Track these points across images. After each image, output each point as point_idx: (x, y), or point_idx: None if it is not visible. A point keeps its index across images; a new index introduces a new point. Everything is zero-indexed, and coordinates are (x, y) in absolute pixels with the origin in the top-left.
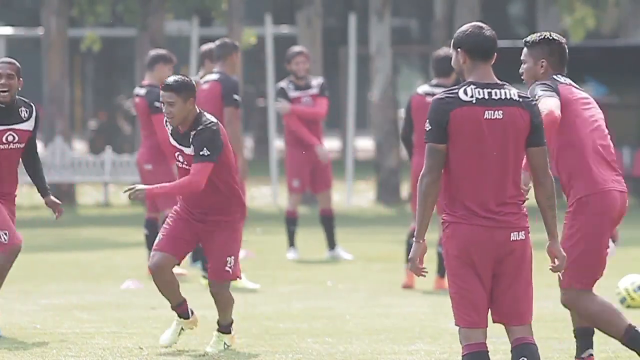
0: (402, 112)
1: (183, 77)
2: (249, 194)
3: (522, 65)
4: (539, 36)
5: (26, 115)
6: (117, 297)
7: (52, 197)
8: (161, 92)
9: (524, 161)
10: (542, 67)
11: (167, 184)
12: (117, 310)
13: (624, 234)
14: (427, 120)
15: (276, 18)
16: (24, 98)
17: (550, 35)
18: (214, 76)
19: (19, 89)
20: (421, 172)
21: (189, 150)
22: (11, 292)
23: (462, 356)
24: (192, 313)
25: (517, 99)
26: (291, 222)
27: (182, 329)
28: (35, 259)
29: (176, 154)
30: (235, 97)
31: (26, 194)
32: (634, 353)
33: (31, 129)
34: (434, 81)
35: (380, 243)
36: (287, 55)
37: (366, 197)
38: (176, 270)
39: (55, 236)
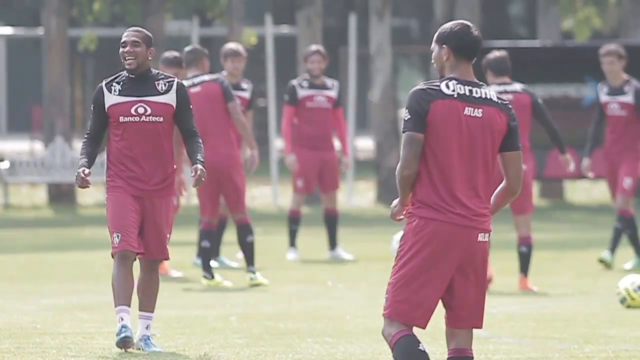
0: (402, 113)
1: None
2: (249, 194)
3: None
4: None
5: (164, 88)
6: None
7: (199, 166)
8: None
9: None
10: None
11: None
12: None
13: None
14: (407, 110)
15: (276, 18)
16: (166, 74)
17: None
18: (205, 77)
19: (150, 58)
20: (399, 164)
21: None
22: (11, 292)
23: (396, 341)
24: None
25: (496, 100)
26: (294, 221)
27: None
28: (35, 259)
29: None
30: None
31: (26, 193)
32: (635, 353)
33: (172, 103)
34: (498, 80)
35: (380, 243)
36: (304, 54)
37: (366, 197)
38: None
39: (55, 236)
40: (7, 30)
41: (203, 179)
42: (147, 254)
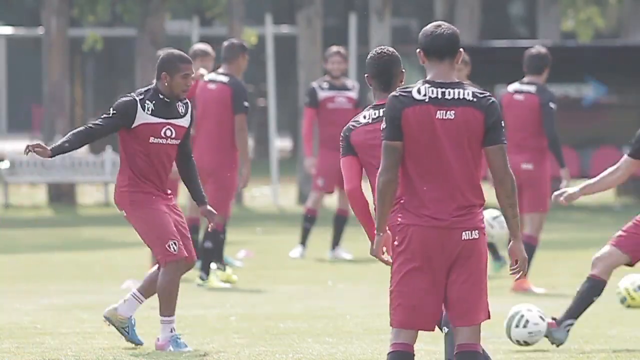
0: None
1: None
2: (249, 194)
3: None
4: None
5: (183, 111)
6: (117, 297)
7: (209, 207)
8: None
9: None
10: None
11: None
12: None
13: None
14: (384, 119)
15: (276, 18)
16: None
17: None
18: (224, 78)
19: None
20: (379, 172)
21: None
22: (11, 292)
23: (388, 354)
24: None
25: (471, 98)
26: (308, 219)
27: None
28: (35, 259)
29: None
30: (245, 103)
31: (26, 193)
32: (635, 353)
33: (187, 125)
34: (526, 79)
35: None
36: (324, 54)
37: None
38: None
39: (55, 236)
40: (7, 30)
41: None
42: (190, 258)
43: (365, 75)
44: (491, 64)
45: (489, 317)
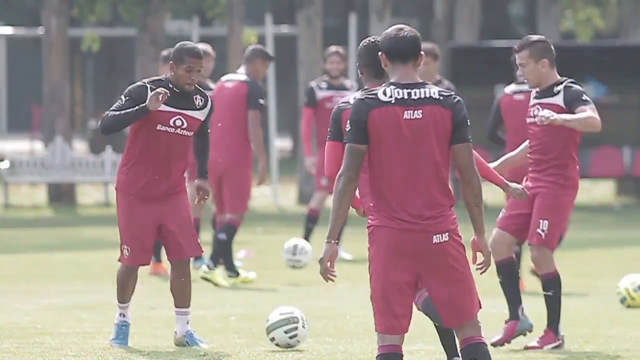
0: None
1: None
2: None
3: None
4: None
5: (200, 104)
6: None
7: (203, 182)
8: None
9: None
10: None
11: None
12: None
13: (625, 233)
14: (348, 121)
15: (276, 18)
16: (201, 88)
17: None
18: (242, 77)
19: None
20: (339, 171)
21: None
22: (11, 292)
23: (376, 357)
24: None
25: (438, 97)
26: (311, 219)
27: None
28: (35, 259)
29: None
30: (260, 101)
31: (26, 194)
32: (635, 353)
33: (202, 118)
34: (521, 79)
35: None
36: (324, 54)
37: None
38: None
39: (55, 236)
40: (7, 30)
41: (206, 197)
42: (178, 254)
43: (357, 64)
44: (491, 64)
45: (480, 307)
